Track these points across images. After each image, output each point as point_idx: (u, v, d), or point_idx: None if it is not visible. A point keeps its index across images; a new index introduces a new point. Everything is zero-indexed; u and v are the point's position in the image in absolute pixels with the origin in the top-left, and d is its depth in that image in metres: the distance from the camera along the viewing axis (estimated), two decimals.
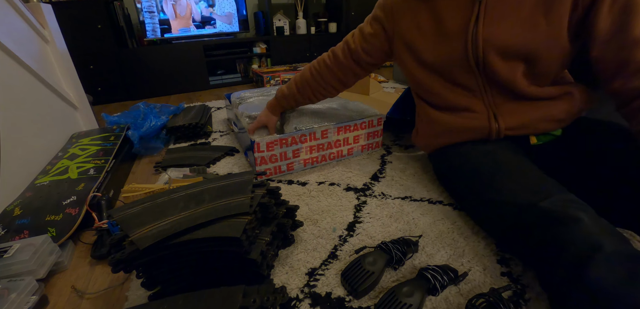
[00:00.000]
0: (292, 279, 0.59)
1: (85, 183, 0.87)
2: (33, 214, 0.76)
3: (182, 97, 2.39)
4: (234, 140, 1.30)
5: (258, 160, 0.92)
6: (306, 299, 0.55)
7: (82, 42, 2.12)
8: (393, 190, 0.85)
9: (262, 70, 2.50)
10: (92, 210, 0.77)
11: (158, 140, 1.28)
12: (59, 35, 1.33)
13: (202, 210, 0.56)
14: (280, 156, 0.94)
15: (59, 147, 1.12)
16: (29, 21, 1.16)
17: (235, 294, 0.47)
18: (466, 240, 0.65)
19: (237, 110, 1.18)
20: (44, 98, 1.14)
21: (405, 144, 1.15)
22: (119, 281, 0.62)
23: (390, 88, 2.07)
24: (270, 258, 0.59)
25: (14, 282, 0.56)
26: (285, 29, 2.81)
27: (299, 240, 0.69)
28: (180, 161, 1.11)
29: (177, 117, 1.45)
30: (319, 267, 0.61)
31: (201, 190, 0.62)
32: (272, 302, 0.50)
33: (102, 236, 0.72)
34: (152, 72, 2.40)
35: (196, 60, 2.50)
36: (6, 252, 0.61)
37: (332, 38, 2.97)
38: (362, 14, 2.97)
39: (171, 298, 0.49)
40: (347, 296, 0.54)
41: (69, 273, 0.67)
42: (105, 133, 1.18)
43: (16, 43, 1.03)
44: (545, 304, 0.50)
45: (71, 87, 1.33)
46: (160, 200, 0.60)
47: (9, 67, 0.99)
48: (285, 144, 0.93)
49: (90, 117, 1.42)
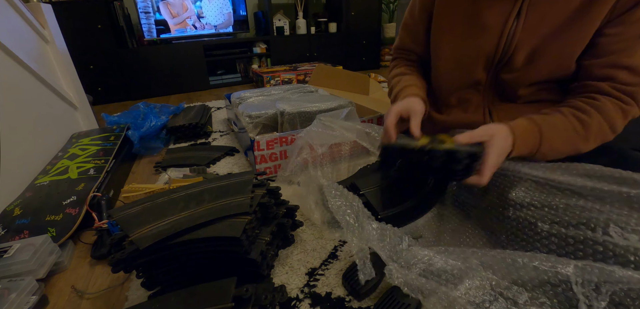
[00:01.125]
0: (292, 279, 0.59)
1: (85, 183, 0.87)
2: (33, 214, 0.76)
3: (182, 97, 2.39)
4: (234, 140, 1.30)
5: (258, 158, 0.92)
6: (306, 299, 0.55)
7: (82, 42, 2.12)
8: None
9: (262, 70, 2.50)
10: (92, 210, 0.77)
11: (158, 140, 1.28)
12: (59, 35, 1.33)
13: (202, 210, 0.56)
14: (281, 155, 0.94)
15: (59, 147, 1.12)
16: (29, 21, 1.16)
17: (228, 285, 0.47)
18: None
19: (237, 110, 1.18)
20: (44, 98, 1.14)
21: None
22: (119, 281, 0.62)
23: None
24: (270, 258, 0.59)
25: (14, 282, 0.56)
26: (285, 29, 2.81)
27: (299, 240, 0.69)
28: (180, 161, 1.11)
29: (177, 117, 1.45)
30: (319, 267, 0.61)
31: (201, 190, 0.62)
32: (271, 301, 0.51)
33: (102, 236, 0.72)
34: (152, 72, 2.40)
35: (196, 60, 2.50)
36: (6, 252, 0.61)
37: (332, 38, 2.98)
38: (362, 14, 3.00)
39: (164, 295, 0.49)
40: (347, 296, 0.54)
41: (69, 273, 0.67)
42: (105, 133, 1.18)
43: (16, 43, 1.03)
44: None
45: (71, 87, 1.33)
46: (160, 200, 0.60)
47: (9, 67, 0.99)
48: (285, 142, 0.93)
49: (90, 117, 1.42)
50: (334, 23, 2.97)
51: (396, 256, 0.49)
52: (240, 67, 2.81)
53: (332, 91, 1.51)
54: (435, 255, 0.48)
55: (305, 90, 1.37)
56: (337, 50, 3.02)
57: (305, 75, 2.39)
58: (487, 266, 0.44)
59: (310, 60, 2.94)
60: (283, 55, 2.82)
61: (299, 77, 2.39)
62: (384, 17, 3.25)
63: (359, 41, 3.07)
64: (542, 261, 0.42)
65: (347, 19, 2.93)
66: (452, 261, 0.46)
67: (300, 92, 1.34)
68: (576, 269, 0.40)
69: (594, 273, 0.39)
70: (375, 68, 3.23)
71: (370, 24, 3.06)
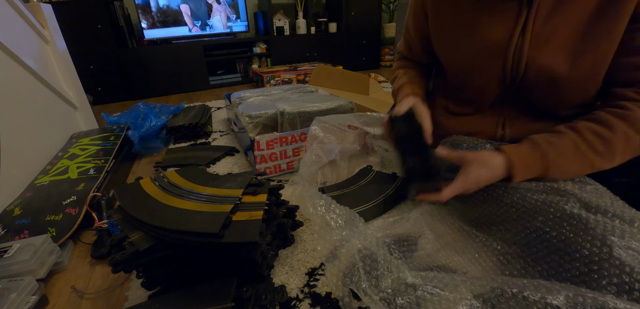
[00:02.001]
0: (292, 279, 0.59)
1: (85, 183, 0.87)
2: (33, 214, 0.76)
3: (182, 97, 2.39)
4: (234, 140, 1.30)
5: (258, 158, 0.92)
6: (306, 299, 0.55)
7: (82, 42, 2.12)
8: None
9: (262, 70, 2.50)
10: (92, 210, 0.77)
11: (158, 140, 1.28)
12: (59, 35, 1.33)
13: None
14: (281, 154, 0.94)
15: (59, 147, 1.12)
16: (29, 21, 1.16)
17: (228, 285, 0.48)
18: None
19: (237, 110, 1.18)
20: (44, 98, 1.14)
21: None
22: (119, 281, 0.62)
23: (390, 88, 2.06)
24: (270, 258, 0.59)
25: (14, 282, 0.56)
26: (285, 29, 2.81)
27: (299, 240, 0.69)
28: (180, 161, 1.11)
29: (177, 117, 1.45)
30: (319, 267, 0.61)
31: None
32: (271, 301, 0.51)
33: (102, 236, 0.72)
34: (152, 72, 2.40)
35: (196, 60, 2.50)
36: (6, 252, 0.61)
37: (332, 38, 2.98)
38: (362, 14, 3.00)
39: (164, 295, 0.49)
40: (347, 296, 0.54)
41: (69, 273, 0.67)
42: (105, 133, 1.18)
43: (16, 43, 1.03)
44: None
45: (71, 87, 1.33)
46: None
47: (9, 67, 0.99)
48: (285, 142, 0.93)
49: (90, 117, 1.42)
50: (334, 23, 2.97)
51: (379, 282, 0.48)
52: (240, 67, 2.81)
53: (332, 91, 1.51)
54: (424, 284, 0.46)
55: (305, 90, 1.37)
56: (337, 50, 3.02)
57: (305, 75, 2.39)
58: (478, 295, 0.43)
59: (310, 60, 2.94)
60: (283, 55, 2.82)
61: (299, 77, 2.39)
62: (384, 17, 3.25)
63: (359, 41, 3.07)
64: (532, 292, 0.40)
65: (347, 19, 2.93)
66: (440, 292, 0.44)
67: (300, 92, 1.34)
68: (567, 300, 0.38)
69: (587, 302, 0.37)
70: (375, 68, 3.23)
71: (370, 24, 3.06)
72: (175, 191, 0.60)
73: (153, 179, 0.63)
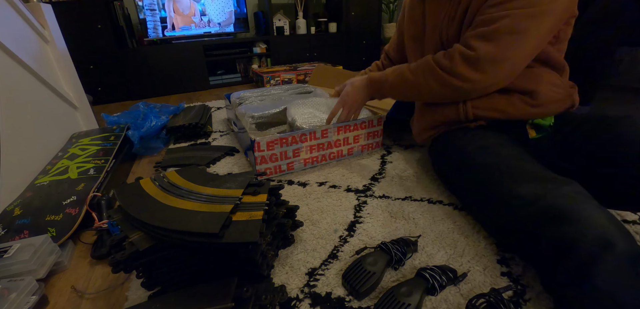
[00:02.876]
0: (292, 279, 0.59)
1: (85, 183, 0.87)
2: (33, 214, 0.76)
3: (182, 97, 2.39)
4: (234, 140, 1.30)
5: (258, 159, 0.92)
6: (306, 299, 0.55)
7: (82, 42, 2.12)
8: (393, 190, 0.85)
9: (262, 70, 2.50)
10: (92, 210, 0.77)
11: (158, 140, 1.28)
12: (59, 35, 1.33)
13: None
14: (281, 155, 0.94)
15: (59, 147, 1.12)
16: (29, 21, 1.16)
17: (228, 285, 0.47)
18: (466, 240, 0.65)
19: (237, 110, 1.18)
20: (44, 98, 1.14)
21: (406, 144, 1.15)
22: (119, 281, 0.62)
23: None
24: (270, 258, 0.59)
25: (14, 282, 0.56)
26: (285, 29, 2.81)
27: (299, 239, 0.69)
28: (180, 162, 1.11)
29: (177, 117, 1.45)
30: (319, 267, 0.61)
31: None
32: (271, 301, 0.51)
33: (102, 236, 0.72)
34: (152, 72, 2.40)
35: (196, 60, 2.50)
36: (6, 252, 0.61)
37: (332, 38, 2.98)
38: (362, 14, 3.00)
39: (164, 295, 0.49)
40: (347, 296, 0.54)
41: (69, 273, 0.67)
42: (105, 133, 1.18)
43: (16, 43, 1.03)
44: (546, 304, 0.50)
45: (71, 87, 1.33)
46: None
47: (9, 67, 0.99)
48: (285, 143, 0.93)
49: (90, 117, 1.42)
50: (334, 23, 2.97)
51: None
52: (240, 67, 2.81)
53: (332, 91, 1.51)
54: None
55: (304, 90, 1.37)
56: (337, 50, 3.02)
57: (305, 75, 2.39)
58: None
59: (310, 60, 2.94)
60: (283, 55, 2.82)
61: (299, 77, 2.39)
62: (384, 17, 3.25)
63: (359, 41, 3.07)
64: None
65: (347, 19, 2.92)
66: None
67: (300, 92, 1.34)
68: None
69: None
70: None
71: (370, 24, 3.06)
72: (175, 191, 0.60)
73: (153, 179, 0.64)
